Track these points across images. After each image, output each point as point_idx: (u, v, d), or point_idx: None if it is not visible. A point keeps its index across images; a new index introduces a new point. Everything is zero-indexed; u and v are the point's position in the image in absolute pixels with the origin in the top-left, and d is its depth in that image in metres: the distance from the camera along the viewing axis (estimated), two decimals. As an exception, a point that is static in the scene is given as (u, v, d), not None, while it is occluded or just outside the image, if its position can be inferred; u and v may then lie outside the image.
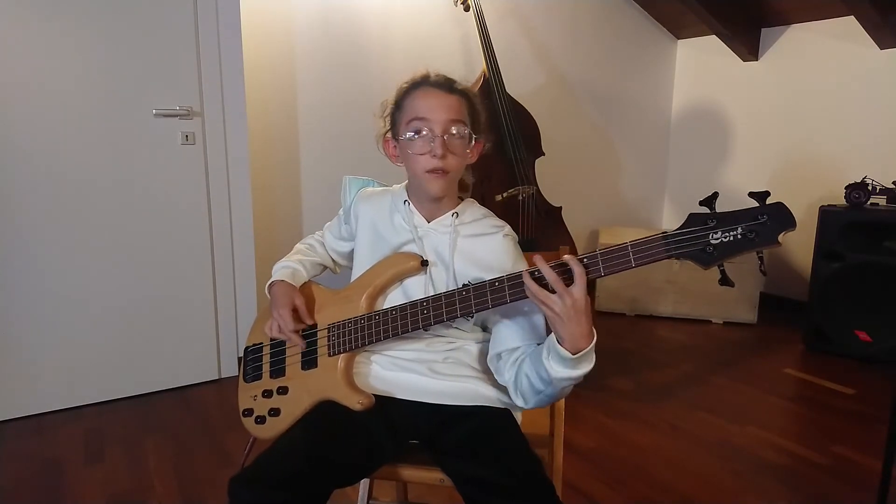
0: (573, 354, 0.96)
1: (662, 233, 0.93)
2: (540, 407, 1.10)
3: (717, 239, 0.90)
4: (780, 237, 0.88)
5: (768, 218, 0.88)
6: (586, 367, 0.99)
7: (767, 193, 0.89)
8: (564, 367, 0.98)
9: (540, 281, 0.97)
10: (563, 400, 1.33)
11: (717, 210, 0.92)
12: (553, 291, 0.95)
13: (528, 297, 0.99)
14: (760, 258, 0.94)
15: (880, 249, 2.80)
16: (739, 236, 0.90)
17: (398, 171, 1.27)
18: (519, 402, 1.10)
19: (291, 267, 1.30)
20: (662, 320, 3.52)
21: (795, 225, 0.88)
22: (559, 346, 0.97)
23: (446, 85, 1.16)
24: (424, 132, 1.13)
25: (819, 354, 2.97)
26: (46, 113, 2.22)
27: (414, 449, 1.15)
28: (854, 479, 1.94)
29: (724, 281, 0.96)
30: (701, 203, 0.94)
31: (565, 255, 0.96)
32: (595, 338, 0.98)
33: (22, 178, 2.21)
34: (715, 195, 0.94)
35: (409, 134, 1.14)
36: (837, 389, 2.60)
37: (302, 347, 1.20)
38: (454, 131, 1.13)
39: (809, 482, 1.92)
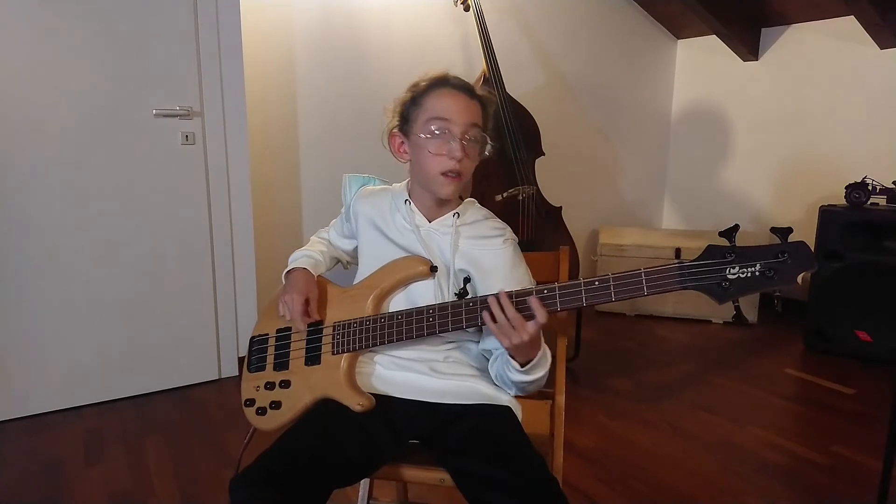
0: (522, 367, 1.07)
1: (678, 261, 0.92)
2: (521, 395, 1.18)
3: (735, 274, 0.89)
4: (799, 278, 0.86)
5: (789, 257, 0.87)
6: (540, 371, 1.09)
7: (790, 230, 0.88)
8: (520, 373, 1.08)
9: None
10: (563, 400, 1.34)
11: (737, 244, 0.90)
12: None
13: (535, 311, 1.02)
14: (777, 298, 0.92)
15: (880, 249, 2.80)
16: (758, 273, 0.88)
17: (399, 170, 1.27)
18: (508, 391, 1.17)
19: (314, 257, 1.31)
20: (662, 320, 3.52)
21: (816, 267, 0.86)
22: (511, 358, 1.07)
23: (469, 89, 1.18)
24: (444, 132, 1.13)
25: (819, 354, 2.97)
26: (46, 113, 2.22)
27: (414, 449, 1.15)
28: (854, 479, 1.94)
29: (739, 319, 0.95)
30: (721, 234, 0.92)
31: (532, 299, 1.01)
32: (541, 349, 1.08)
33: (22, 178, 2.21)
34: (735, 227, 0.92)
35: (429, 132, 1.14)
36: (837, 389, 2.60)
37: (304, 325, 1.21)
38: (472, 135, 1.14)
39: (809, 482, 1.92)
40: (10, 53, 2.14)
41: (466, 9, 2.93)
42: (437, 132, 1.13)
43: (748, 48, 3.66)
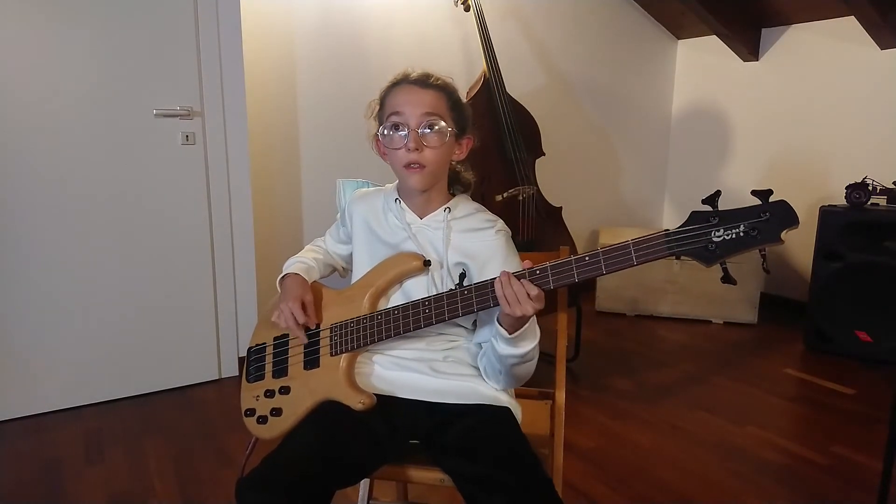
0: (510, 335, 1.06)
1: (665, 230, 0.93)
2: (511, 387, 1.20)
3: (720, 237, 0.91)
4: (783, 235, 0.88)
5: (770, 215, 0.89)
6: (528, 343, 1.09)
7: (770, 192, 0.89)
8: (508, 345, 1.08)
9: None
10: (563, 400, 1.33)
11: (720, 208, 0.92)
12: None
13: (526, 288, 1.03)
14: (763, 256, 0.94)
15: (880, 249, 2.80)
16: (742, 234, 0.90)
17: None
18: (492, 384, 1.18)
19: (306, 263, 1.31)
20: (662, 320, 3.52)
21: (798, 222, 0.88)
22: (500, 327, 1.07)
23: (422, 80, 1.19)
24: (400, 127, 1.15)
25: (819, 354, 2.97)
26: (47, 113, 2.22)
27: (414, 449, 1.15)
28: (854, 479, 1.94)
29: (727, 279, 0.96)
30: (703, 201, 0.94)
31: (525, 280, 1.02)
32: (530, 318, 1.07)
33: (22, 178, 2.21)
34: (717, 193, 0.94)
35: (387, 130, 1.17)
36: (837, 389, 2.60)
37: (303, 340, 1.21)
38: (429, 125, 1.15)
39: (809, 482, 1.92)
40: (10, 54, 2.14)
41: (467, 9, 2.93)
42: (393, 127, 1.16)
43: (748, 48, 3.66)
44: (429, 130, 1.15)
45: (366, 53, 3.02)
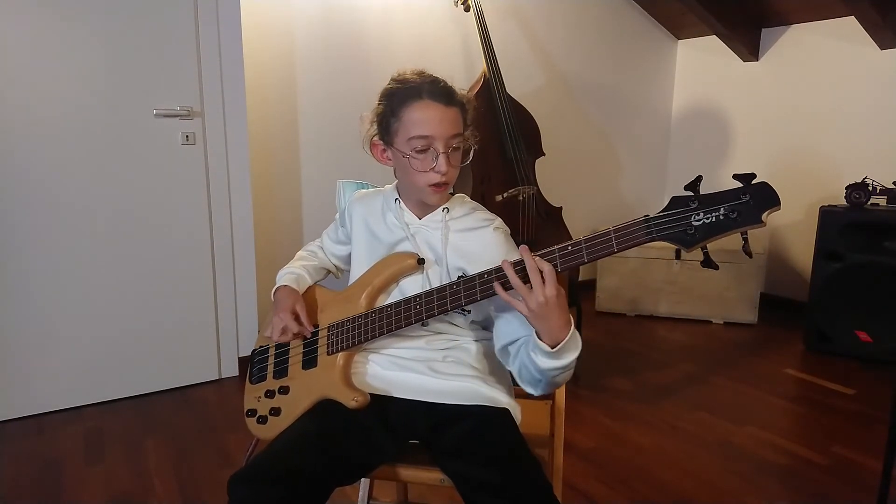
0: (552, 348, 0.98)
1: (645, 216, 0.93)
2: (548, 392, 1.11)
3: (700, 220, 0.90)
4: (764, 216, 0.87)
5: (750, 198, 0.88)
6: (571, 354, 1.01)
7: (753, 175, 0.89)
8: (549, 358, 1.00)
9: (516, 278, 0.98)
10: (564, 400, 1.33)
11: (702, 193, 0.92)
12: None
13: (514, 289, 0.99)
14: (745, 238, 0.93)
15: (880, 249, 2.80)
16: (721, 217, 0.89)
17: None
18: (528, 390, 1.11)
19: (296, 273, 1.32)
20: (662, 320, 3.52)
21: (779, 204, 0.87)
22: (539, 340, 0.99)
23: (446, 96, 1.14)
24: (428, 149, 1.12)
25: (819, 354, 2.97)
26: (47, 113, 2.22)
27: (414, 449, 1.15)
28: (854, 479, 1.94)
29: (707, 263, 0.96)
30: (686, 187, 0.94)
31: (535, 256, 0.97)
32: (572, 326, 1.00)
33: (22, 178, 2.21)
34: (699, 178, 0.93)
35: (412, 151, 1.12)
36: (837, 389, 2.60)
37: (302, 337, 1.21)
38: (455, 145, 1.14)
39: (809, 482, 1.92)
40: (9, 54, 2.14)
41: (467, 9, 2.93)
42: (420, 149, 1.12)
43: (748, 48, 3.66)
44: (456, 150, 1.14)
45: (366, 53, 3.02)
